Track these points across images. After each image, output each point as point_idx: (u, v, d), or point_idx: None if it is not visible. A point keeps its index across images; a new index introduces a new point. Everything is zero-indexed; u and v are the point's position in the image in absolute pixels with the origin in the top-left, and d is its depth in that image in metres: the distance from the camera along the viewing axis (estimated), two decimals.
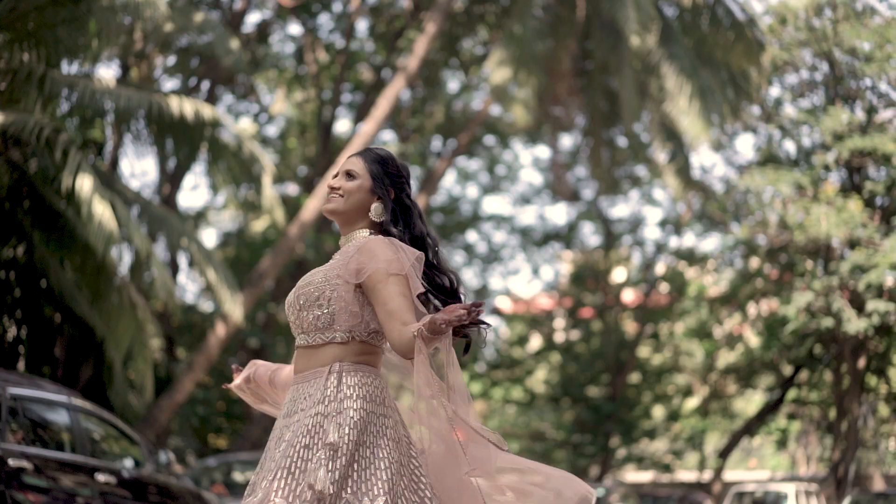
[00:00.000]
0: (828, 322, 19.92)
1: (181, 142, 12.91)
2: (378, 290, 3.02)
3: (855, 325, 19.22)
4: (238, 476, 12.87)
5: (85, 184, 10.30)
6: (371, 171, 3.21)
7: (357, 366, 3.08)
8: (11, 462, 5.99)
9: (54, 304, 11.72)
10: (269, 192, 13.46)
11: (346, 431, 2.95)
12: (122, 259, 12.22)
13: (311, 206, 16.13)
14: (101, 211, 10.26)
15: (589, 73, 20.59)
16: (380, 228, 3.21)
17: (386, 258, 3.03)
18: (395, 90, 16.77)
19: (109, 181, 12.58)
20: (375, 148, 3.33)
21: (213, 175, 13.77)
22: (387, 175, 3.23)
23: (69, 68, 12.13)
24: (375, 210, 3.19)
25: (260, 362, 3.49)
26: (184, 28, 14.50)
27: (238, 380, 3.49)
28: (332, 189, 3.20)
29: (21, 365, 11.79)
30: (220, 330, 15.26)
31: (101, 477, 6.79)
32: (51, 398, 6.70)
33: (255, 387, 3.45)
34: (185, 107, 11.98)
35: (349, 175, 3.21)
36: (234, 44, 14.85)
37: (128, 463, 7.43)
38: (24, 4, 10.81)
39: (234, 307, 12.85)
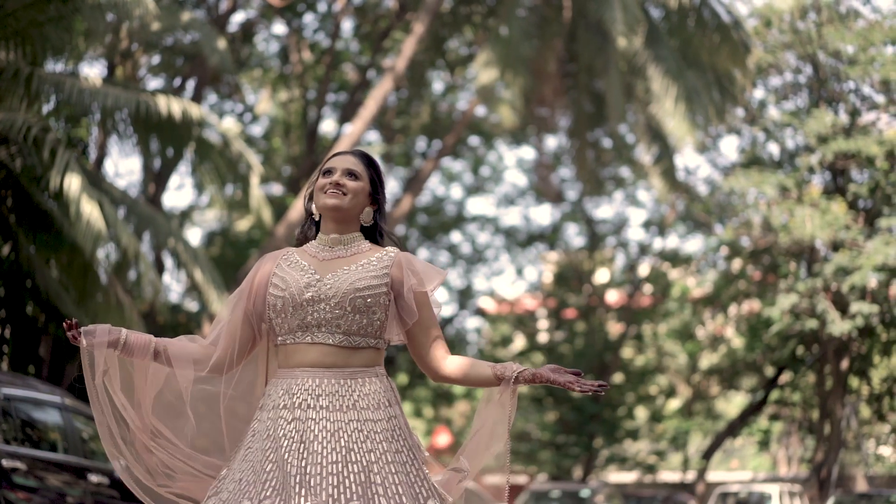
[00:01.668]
0: (812, 324, 20.04)
1: (168, 141, 12.86)
2: (423, 311, 3.17)
3: (839, 326, 19.33)
4: None
5: (73, 183, 10.24)
6: (369, 174, 3.25)
7: (384, 371, 3.21)
8: (4, 462, 5.96)
9: (40, 303, 11.65)
10: (257, 191, 13.43)
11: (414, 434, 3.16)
12: (110, 259, 12.15)
13: (299, 206, 16.10)
14: (90, 210, 10.21)
15: (574, 75, 20.62)
16: (370, 233, 3.27)
17: (430, 279, 3.19)
18: (384, 90, 16.75)
19: (95, 180, 12.52)
20: (365, 150, 3.40)
21: (199, 175, 13.72)
22: (379, 181, 3.28)
23: (55, 67, 12.06)
24: (367, 214, 3.23)
25: (118, 329, 3.08)
26: (171, 27, 14.45)
27: (91, 339, 3.01)
28: (337, 185, 3.19)
29: (5, 365, 11.71)
30: (207, 330, 15.20)
31: (93, 477, 6.76)
32: (43, 398, 6.68)
33: (123, 355, 3.06)
34: (173, 106, 11.93)
35: (352, 175, 3.21)
36: (221, 43, 14.80)
37: None
38: (11, 3, 10.74)
39: (222, 307, 12.77)
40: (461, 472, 3.17)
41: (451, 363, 3.18)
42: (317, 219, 3.26)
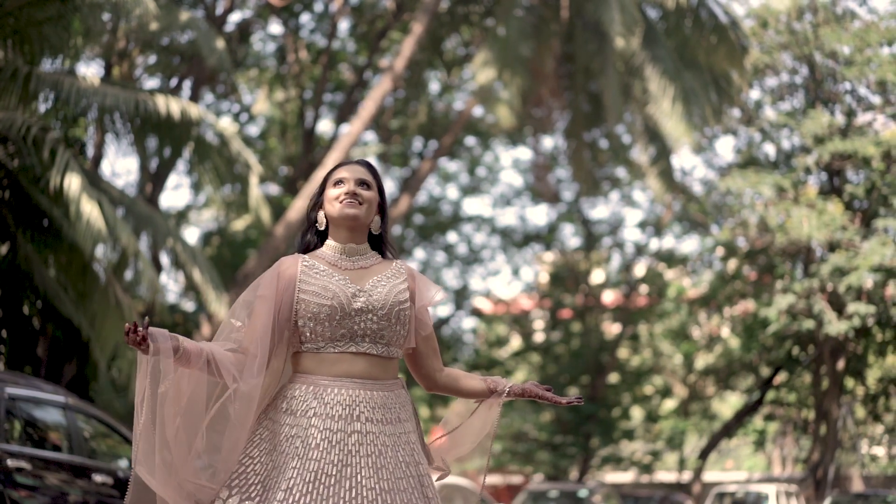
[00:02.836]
0: (809, 324, 20.06)
1: (166, 141, 12.84)
2: (427, 325, 3.28)
3: (836, 327, 19.36)
4: None
5: (73, 183, 10.23)
6: (377, 184, 3.29)
7: None
8: (9, 462, 5.95)
9: (38, 303, 11.61)
10: (256, 191, 13.42)
11: None
12: (109, 258, 12.12)
13: (298, 206, 16.10)
14: (89, 210, 10.19)
15: (571, 75, 20.63)
16: (373, 242, 3.31)
17: (437, 293, 3.32)
18: (382, 91, 16.74)
19: (94, 180, 12.50)
20: (368, 160, 3.40)
21: (198, 174, 13.70)
22: (382, 190, 3.32)
23: (52, 66, 12.03)
24: (376, 224, 3.28)
25: (174, 335, 3.01)
26: (169, 27, 14.42)
27: (157, 345, 2.92)
28: (353, 195, 3.20)
29: (1, 365, 11.68)
30: (206, 330, 15.19)
31: (97, 477, 6.75)
32: (48, 398, 6.67)
33: (177, 364, 2.97)
34: (172, 105, 11.91)
35: (365, 184, 3.25)
36: (220, 43, 14.78)
37: (123, 463, 7.39)
38: (10, 1, 10.72)
39: (220, 307, 12.77)
40: (442, 471, 3.35)
41: (447, 375, 3.33)
42: (322, 228, 3.26)
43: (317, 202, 3.30)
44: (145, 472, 2.95)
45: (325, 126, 25.26)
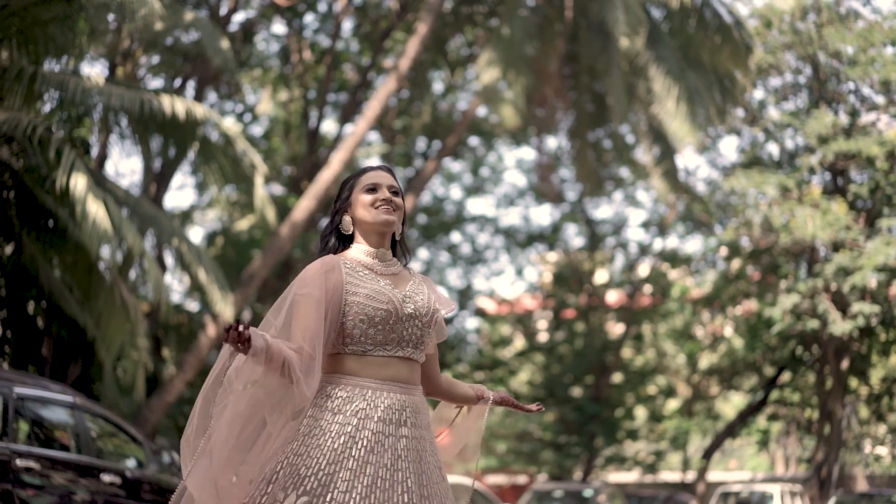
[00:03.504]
0: (813, 324, 20.04)
1: (171, 141, 12.83)
2: (444, 333, 3.38)
3: (840, 326, 19.34)
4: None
5: (78, 183, 10.22)
6: (401, 191, 3.33)
7: None
8: (18, 462, 5.96)
9: (43, 303, 11.62)
10: (261, 191, 13.41)
11: None
12: (115, 258, 12.13)
13: (303, 206, 16.09)
14: (95, 210, 10.18)
15: (576, 75, 20.62)
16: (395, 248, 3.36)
17: (449, 303, 3.39)
18: (388, 91, 16.73)
19: (99, 180, 12.50)
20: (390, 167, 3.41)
21: (203, 174, 13.70)
22: (403, 197, 3.35)
23: (58, 66, 12.02)
24: (398, 229, 3.32)
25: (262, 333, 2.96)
26: (173, 27, 14.42)
27: (254, 342, 2.86)
28: (389, 201, 3.23)
29: (6, 365, 11.68)
30: (211, 330, 15.19)
31: (105, 477, 6.76)
32: (56, 398, 6.67)
33: (261, 365, 2.94)
34: (177, 105, 11.90)
35: (396, 192, 3.29)
36: (224, 43, 14.78)
37: (131, 463, 7.40)
38: (15, 2, 10.71)
39: (226, 307, 12.76)
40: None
41: (444, 381, 3.45)
42: (348, 232, 3.25)
43: (343, 206, 3.28)
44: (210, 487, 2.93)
45: (328, 126, 25.31)
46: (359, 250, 3.23)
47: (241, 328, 2.80)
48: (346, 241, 3.27)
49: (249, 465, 3.00)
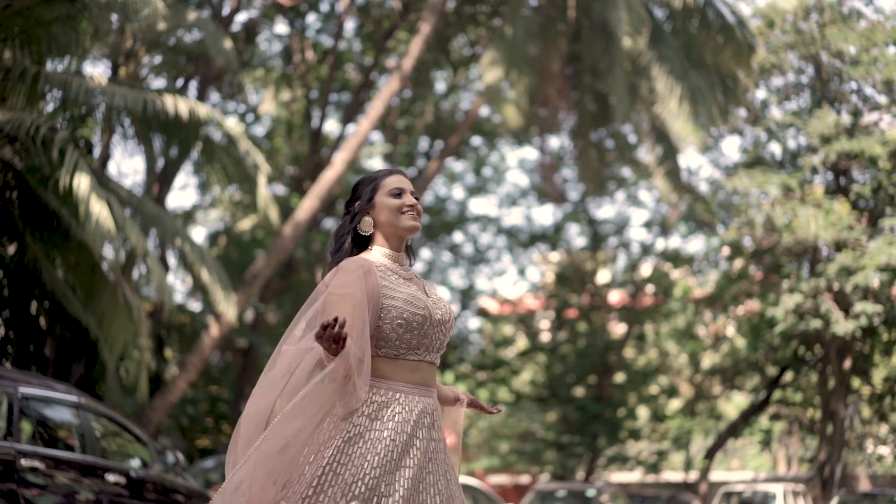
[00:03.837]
0: (816, 323, 20.03)
1: (175, 140, 12.83)
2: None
3: (843, 326, 19.33)
4: None
5: (82, 183, 10.22)
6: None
7: None
8: (23, 461, 5.96)
9: (46, 303, 11.61)
10: (264, 191, 13.41)
11: None
12: (118, 258, 12.12)
13: (306, 206, 16.09)
14: (99, 210, 10.18)
15: (578, 75, 20.62)
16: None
17: None
18: (391, 90, 16.73)
19: (102, 180, 12.50)
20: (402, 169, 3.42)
21: (206, 174, 13.70)
22: None
23: (61, 66, 12.02)
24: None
25: None
26: (176, 27, 14.42)
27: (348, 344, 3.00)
28: (413, 207, 3.24)
29: (8, 365, 11.68)
30: (214, 330, 15.18)
31: (110, 477, 6.76)
32: (61, 398, 6.67)
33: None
34: (180, 105, 11.90)
35: (416, 197, 3.30)
36: (227, 43, 14.78)
37: (135, 463, 7.40)
38: (19, 1, 10.72)
39: (229, 307, 12.76)
40: None
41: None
42: (367, 234, 3.23)
43: (364, 208, 3.24)
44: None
45: (331, 126, 25.30)
46: (380, 253, 3.22)
47: (337, 325, 2.79)
48: (360, 243, 3.26)
49: (283, 468, 2.96)
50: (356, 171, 23.74)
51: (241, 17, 21.88)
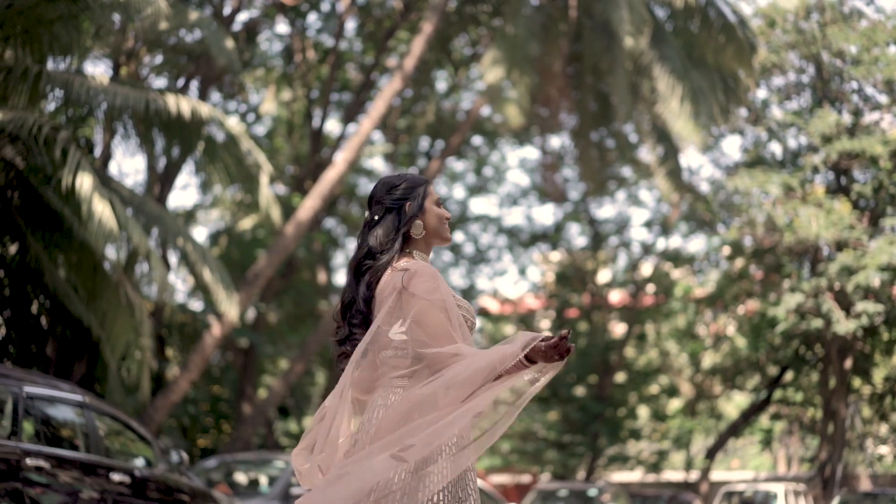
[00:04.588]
0: (817, 323, 20.03)
1: (176, 140, 12.82)
2: None
3: (844, 326, 19.34)
4: (240, 477, 12.69)
5: (85, 182, 10.22)
6: None
7: None
8: (28, 460, 5.96)
9: (48, 303, 11.61)
10: (266, 191, 13.41)
11: None
12: (120, 258, 12.12)
13: (308, 206, 16.08)
14: (101, 209, 10.18)
15: (579, 74, 20.62)
16: None
17: None
18: (393, 90, 16.73)
19: (104, 180, 12.49)
20: None
21: (208, 174, 13.69)
22: None
23: (62, 65, 12.01)
24: None
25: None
26: (177, 26, 14.41)
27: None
28: (448, 219, 3.28)
29: (10, 365, 11.66)
30: (216, 329, 15.18)
31: (114, 476, 6.76)
32: (65, 397, 6.67)
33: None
34: (181, 105, 11.89)
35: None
36: (229, 43, 14.77)
37: (140, 462, 7.40)
38: (20, 1, 10.71)
39: (231, 307, 12.75)
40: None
41: None
42: (419, 237, 3.24)
43: (417, 212, 3.24)
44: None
45: (332, 126, 25.29)
46: (423, 258, 3.24)
47: (566, 339, 2.84)
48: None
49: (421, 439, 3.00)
50: (357, 171, 23.76)
51: (243, 17, 21.89)
